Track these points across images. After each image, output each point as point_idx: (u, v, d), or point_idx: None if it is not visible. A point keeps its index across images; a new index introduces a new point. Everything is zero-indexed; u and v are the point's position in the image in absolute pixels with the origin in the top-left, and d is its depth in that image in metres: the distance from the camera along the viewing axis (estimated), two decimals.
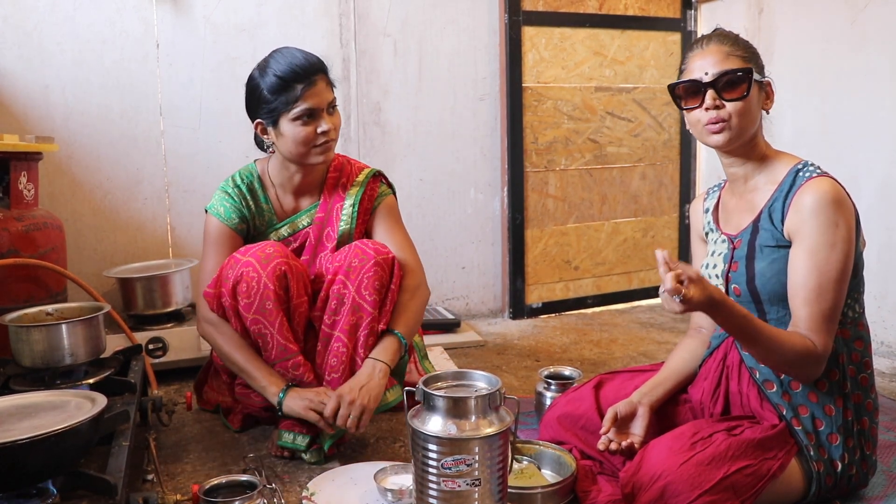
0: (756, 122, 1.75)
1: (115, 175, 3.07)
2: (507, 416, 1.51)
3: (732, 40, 1.76)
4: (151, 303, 2.81)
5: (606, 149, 3.88)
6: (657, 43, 3.92)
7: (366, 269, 2.05)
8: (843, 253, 1.63)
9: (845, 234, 1.63)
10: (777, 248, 1.71)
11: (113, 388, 2.02)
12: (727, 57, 1.72)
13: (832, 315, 1.64)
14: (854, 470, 1.74)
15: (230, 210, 2.21)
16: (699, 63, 1.74)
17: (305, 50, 2.13)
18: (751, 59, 1.74)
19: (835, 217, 1.63)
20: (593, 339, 3.38)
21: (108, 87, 3.01)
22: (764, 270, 1.72)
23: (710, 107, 1.72)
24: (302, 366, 2.04)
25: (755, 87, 1.73)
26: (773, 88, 1.78)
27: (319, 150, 2.11)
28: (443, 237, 3.65)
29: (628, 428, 1.85)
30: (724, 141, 1.73)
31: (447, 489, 1.45)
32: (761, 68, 1.77)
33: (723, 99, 1.71)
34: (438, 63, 3.53)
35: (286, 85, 2.04)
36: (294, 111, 2.05)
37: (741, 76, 1.70)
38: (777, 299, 1.72)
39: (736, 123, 1.71)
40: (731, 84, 1.71)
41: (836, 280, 1.63)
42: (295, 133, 2.08)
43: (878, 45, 2.98)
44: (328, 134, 2.09)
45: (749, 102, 1.72)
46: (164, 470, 2.03)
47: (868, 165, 3.02)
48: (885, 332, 3.02)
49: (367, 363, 2.04)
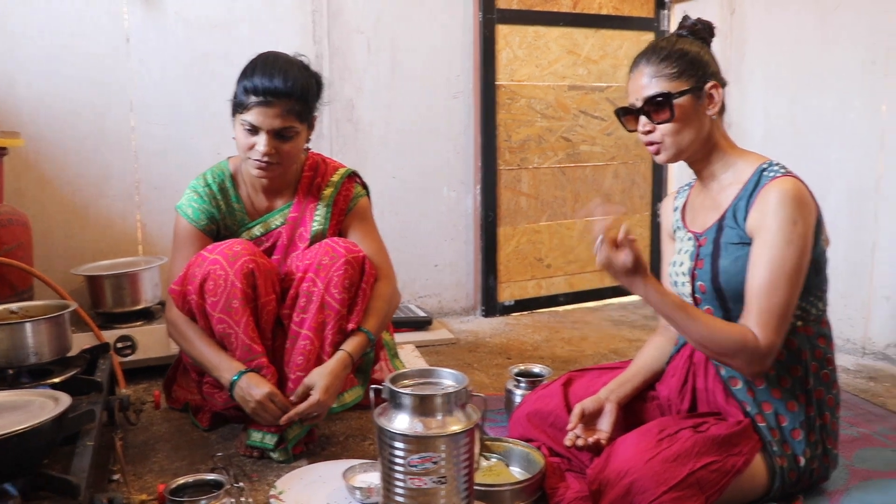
0: (699, 132, 1.76)
1: (84, 171, 3.04)
2: (474, 413, 1.51)
3: (660, 58, 1.76)
4: (120, 301, 2.78)
5: (579, 147, 3.89)
6: (631, 42, 3.94)
7: (336, 268, 2.04)
8: (799, 249, 1.64)
9: (802, 232, 1.65)
10: (741, 245, 1.72)
11: (79, 388, 2.00)
12: (651, 80, 1.75)
13: (783, 312, 1.65)
14: (816, 464, 1.76)
15: (198, 211, 2.20)
16: (632, 87, 1.80)
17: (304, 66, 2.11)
18: (680, 72, 1.74)
19: (794, 215, 1.65)
20: (565, 337, 3.40)
21: (77, 82, 2.98)
22: (728, 268, 1.73)
23: (642, 132, 1.78)
24: (265, 367, 2.03)
25: (687, 101, 1.73)
26: (718, 90, 1.76)
27: (255, 165, 2.07)
28: (415, 235, 3.65)
29: (595, 424, 1.86)
30: (663, 160, 1.80)
31: (413, 487, 1.45)
32: (700, 75, 1.75)
33: (654, 122, 1.75)
34: (412, 61, 3.52)
35: (246, 91, 2.02)
36: (240, 117, 2.04)
37: (661, 101, 1.73)
38: (740, 297, 1.73)
39: (670, 143, 1.76)
40: (656, 108, 1.74)
41: (789, 276, 1.64)
42: (238, 136, 2.07)
43: (847, 46, 3.01)
44: (263, 156, 2.04)
45: (680, 121, 1.74)
46: (131, 469, 2.01)
47: (838, 165, 3.05)
48: (850, 329, 3.05)
49: (340, 356, 2.05)
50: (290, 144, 2.08)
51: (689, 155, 1.79)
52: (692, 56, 1.76)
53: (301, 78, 2.05)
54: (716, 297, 1.77)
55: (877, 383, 2.73)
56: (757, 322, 1.65)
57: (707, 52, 1.81)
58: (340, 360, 2.04)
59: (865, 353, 3.01)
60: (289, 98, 2.02)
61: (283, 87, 2.01)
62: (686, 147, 1.77)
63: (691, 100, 1.74)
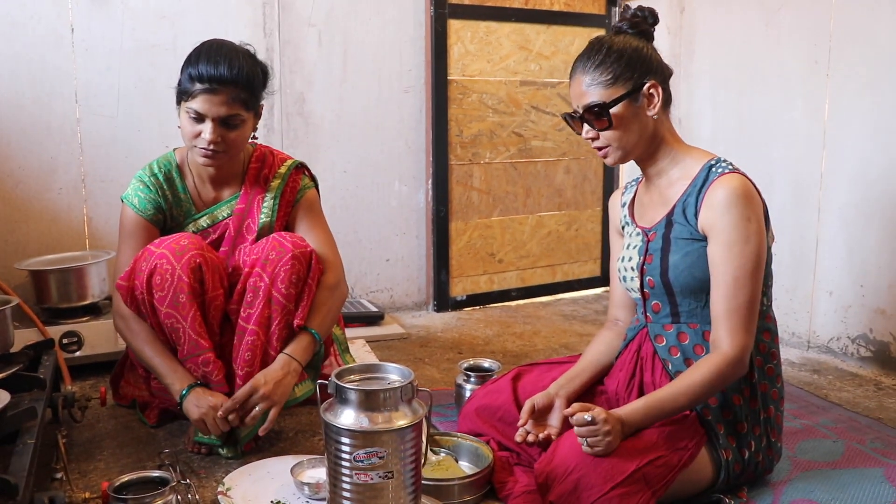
0: (643, 133, 1.78)
1: (27, 164, 2.97)
2: (421, 408, 1.51)
3: (595, 65, 1.76)
4: (66, 296, 2.72)
5: (531, 142, 3.91)
6: (582, 38, 3.96)
7: (283, 262, 2.03)
8: (757, 245, 1.68)
9: (756, 228, 1.69)
10: (691, 241, 1.75)
11: (20, 385, 1.96)
12: (588, 88, 1.76)
13: (750, 308, 1.68)
14: (760, 457, 1.80)
15: (145, 201, 2.17)
16: (572, 93, 1.82)
17: (250, 55, 2.10)
18: (616, 79, 1.74)
19: (746, 212, 1.68)
20: (516, 332, 3.42)
21: (18, 73, 2.91)
22: (677, 263, 1.76)
23: (586, 137, 1.81)
24: (212, 363, 2.01)
25: (625, 106, 1.75)
26: (658, 88, 1.76)
27: (201, 153, 2.06)
28: (367, 229, 3.64)
29: (546, 420, 1.87)
30: (612, 163, 1.83)
31: (360, 482, 1.45)
32: (636, 76, 1.75)
33: (595, 129, 1.78)
34: (363, 54, 3.51)
35: (191, 78, 2.00)
36: (185, 104, 2.02)
37: (598, 111, 1.75)
38: (689, 291, 1.76)
39: (616, 146, 1.79)
40: (595, 117, 1.77)
41: (752, 272, 1.68)
42: (183, 124, 2.05)
43: (790, 46, 3.06)
44: (209, 144, 2.03)
45: (620, 127, 1.76)
46: (75, 468, 1.98)
47: (782, 163, 3.11)
48: (795, 323, 3.12)
49: (281, 358, 2.03)
50: (236, 133, 2.06)
51: (636, 155, 1.82)
52: (629, 56, 1.76)
53: (247, 66, 2.04)
54: (664, 293, 1.80)
55: (820, 376, 2.79)
56: (727, 327, 1.68)
57: (647, 45, 1.80)
58: (279, 362, 2.03)
59: (810, 346, 3.07)
60: (235, 86, 2.01)
61: (228, 75, 2.00)
62: (632, 149, 1.79)
63: (628, 105, 1.75)
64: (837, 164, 2.92)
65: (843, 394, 2.60)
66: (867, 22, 2.77)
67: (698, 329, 1.79)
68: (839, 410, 2.41)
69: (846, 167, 2.89)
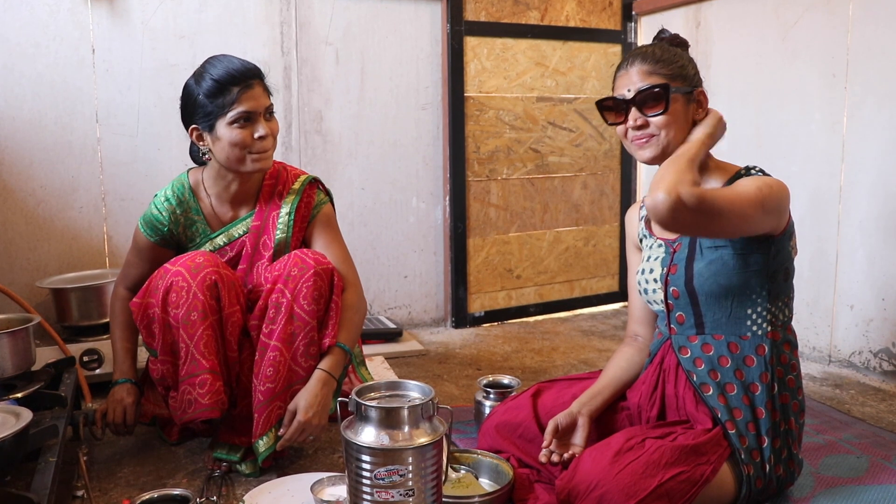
0: (685, 133, 1.79)
1: (49, 183, 3.00)
2: (441, 425, 1.51)
3: (655, 58, 1.80)
4: (87, 314, 2.75)
5: (548, 158, 3.92)
6: (598, 54, 3.97)
7: (305, 279, 2.03)
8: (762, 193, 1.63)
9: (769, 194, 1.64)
10: (715, 248, 1.75)
11: (42, 402, 1.98)
12: (648, 75, 1.78)
13: (727, 196, 1.59)
14: (781, 470, 1.78)
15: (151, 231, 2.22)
16: (622, 81, 1.83)
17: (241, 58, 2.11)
18: (674, 75, 1.79)
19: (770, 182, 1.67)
20: (535, 348, 3.41)
21: (41, 93, 2.95)
22: (702, 271, 1.76)
23: (633, 125, 1.80)
24: (207, 384, 1.98)
25: (680, 100, 1.78)
26: (705, 97, 1.83)
27: (256, 157, 2.07)
28: (385, 246, 3.64)
29: (569, 439, 1.86)
30: (650, 155, 1.80)
31: (381, 500, 1.45)
32: (690, 80, 1.81)
33: (644, 115, 1.78)
34: (381, 72, 3.53)
35: (223, 88, 2.01)
36: (231, 114, 2.02)
37: (658, 92, 1.76)
38: (713, 299, 1.76)
39: (663, 135, 1.78)
40: (651, 99, 1.77)
41: (745, 198, 1.61)
42: (231, 137, 2.04)
43: (806, 60, 3.06)
44: (265, 140, 2.06)
45: (671, 115, 1.77)
46: (96, 485, 1.99)
47: (800, 177, 3.10)
48: (816, 337, 3.09)
49: (318, 374, 2.03)
50: (275, 122, 2.14)
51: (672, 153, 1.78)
52: (687, 61, 1.83)
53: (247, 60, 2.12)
54: (689, 302, 1.79)
55: (842, 391, 2.76)
56: None
57: (693, 62, 1.86)
58: (318, 379, 2.02)
59: (831, 361, 3.04)
60: (259, 76, 2.09)
61: (252, 67, 2.08)
62: (672, 144, 1.78)
63: (684, 100, 1.79)
64: (856, 178, 2.91)
65: (867, 409, 2.57)
66: (885, 35, 2.76)
67: (723, 340, 1.78)
68: (862, 426, 2.38)
69: (865, 180, 2.88)
